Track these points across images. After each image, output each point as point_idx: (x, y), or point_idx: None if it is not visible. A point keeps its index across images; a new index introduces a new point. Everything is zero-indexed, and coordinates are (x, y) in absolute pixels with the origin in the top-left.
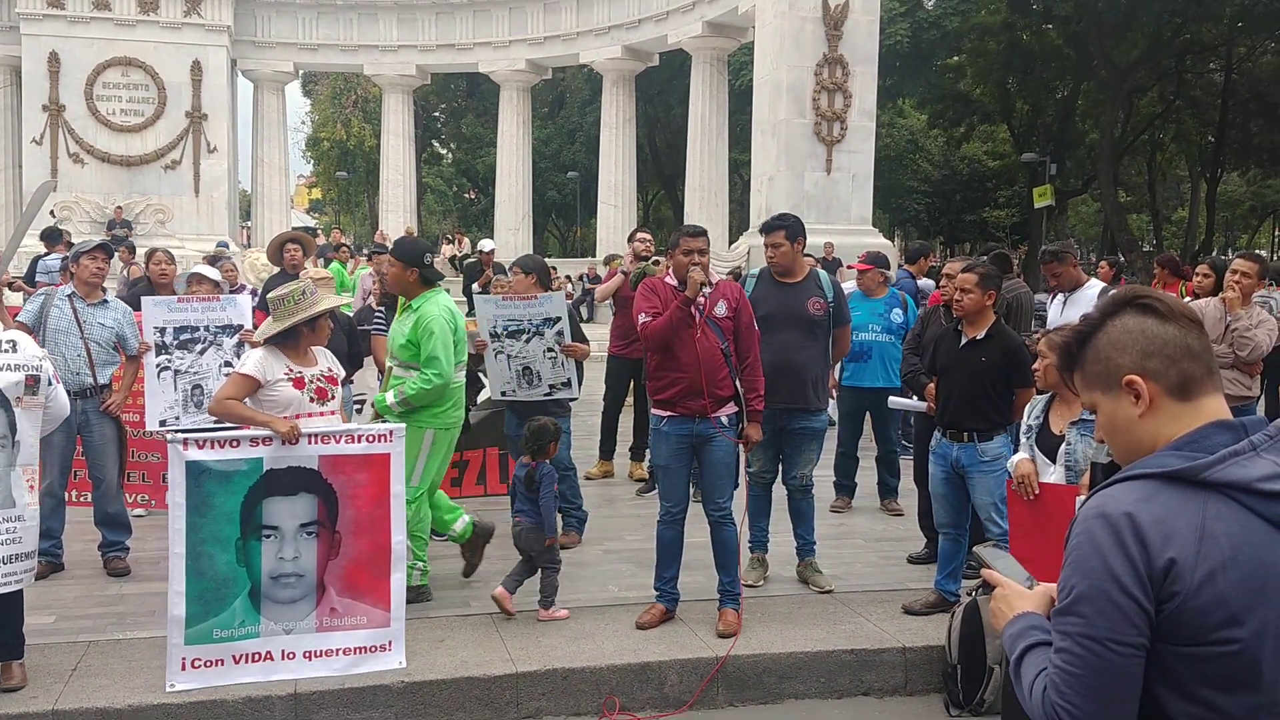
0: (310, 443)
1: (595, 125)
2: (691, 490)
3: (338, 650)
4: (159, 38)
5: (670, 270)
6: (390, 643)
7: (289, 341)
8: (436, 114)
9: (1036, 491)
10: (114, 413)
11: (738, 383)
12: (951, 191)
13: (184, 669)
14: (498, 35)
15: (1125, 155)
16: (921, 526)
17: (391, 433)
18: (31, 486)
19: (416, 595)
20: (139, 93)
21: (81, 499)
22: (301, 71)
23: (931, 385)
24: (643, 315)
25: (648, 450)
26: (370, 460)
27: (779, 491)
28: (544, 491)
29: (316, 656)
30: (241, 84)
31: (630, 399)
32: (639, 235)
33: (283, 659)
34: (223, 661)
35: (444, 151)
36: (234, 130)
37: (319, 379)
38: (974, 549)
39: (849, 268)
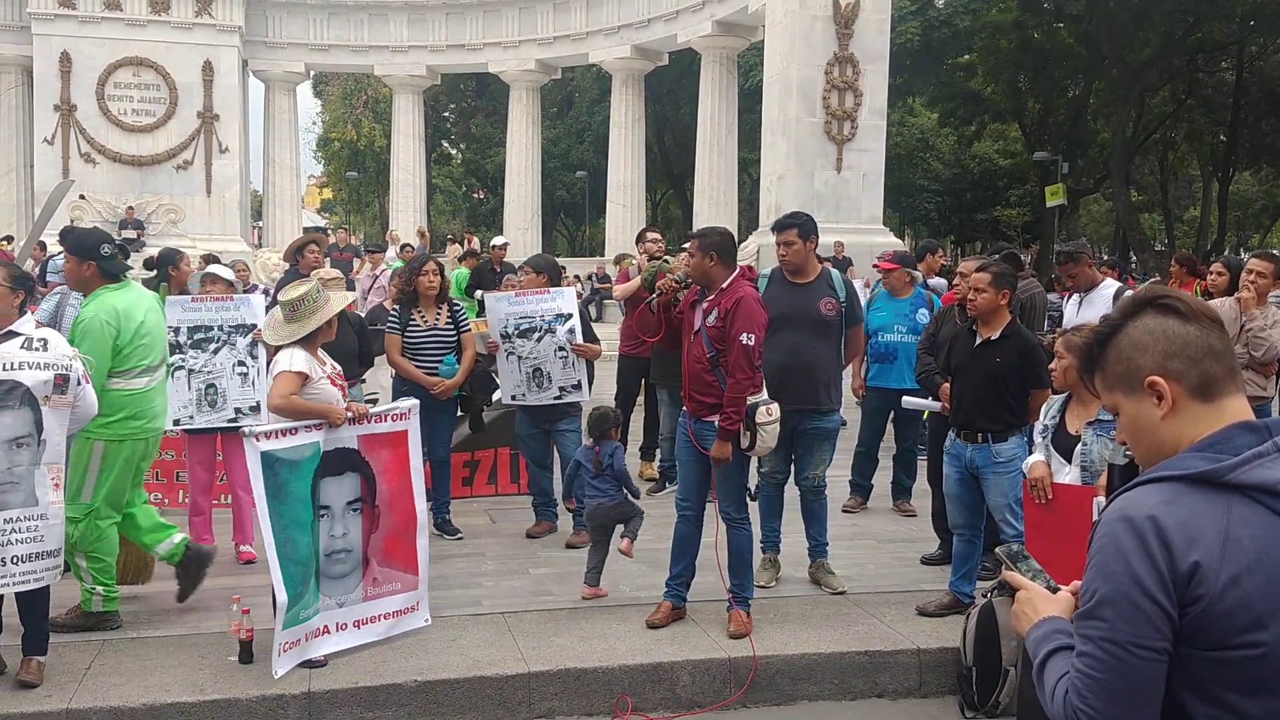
0: (350, 424)
1: (604, 125)
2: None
3: (380, 616)
4: (170, 38)
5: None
6: (418, 603)
7: (310, 342)
8: (446, 114)
9: (1050, 495)
10: None
11: None
12: (962, 190)
13: (279, 654)
14: (507, 35)
15: (1137, 154)
16: (936, 528)
17: (410, 410)
18: (56, 485)
19: (98, 622)
20: (150, 93)
21: None
22: (312, 72)
23: (946, 385)
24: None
25: (657, 450)
26: (395, 437)
27: (791, 492)
28: (616, 459)
29: (363, 624)
30: (253, 85)
31: (641, 398)
32: (649, 235)
33: (337, 631)
34: (299, 642)
35: (453, 151)
36: (245, 130)
37: (336, 376)
38: (995, 550)
39: (872, 267)
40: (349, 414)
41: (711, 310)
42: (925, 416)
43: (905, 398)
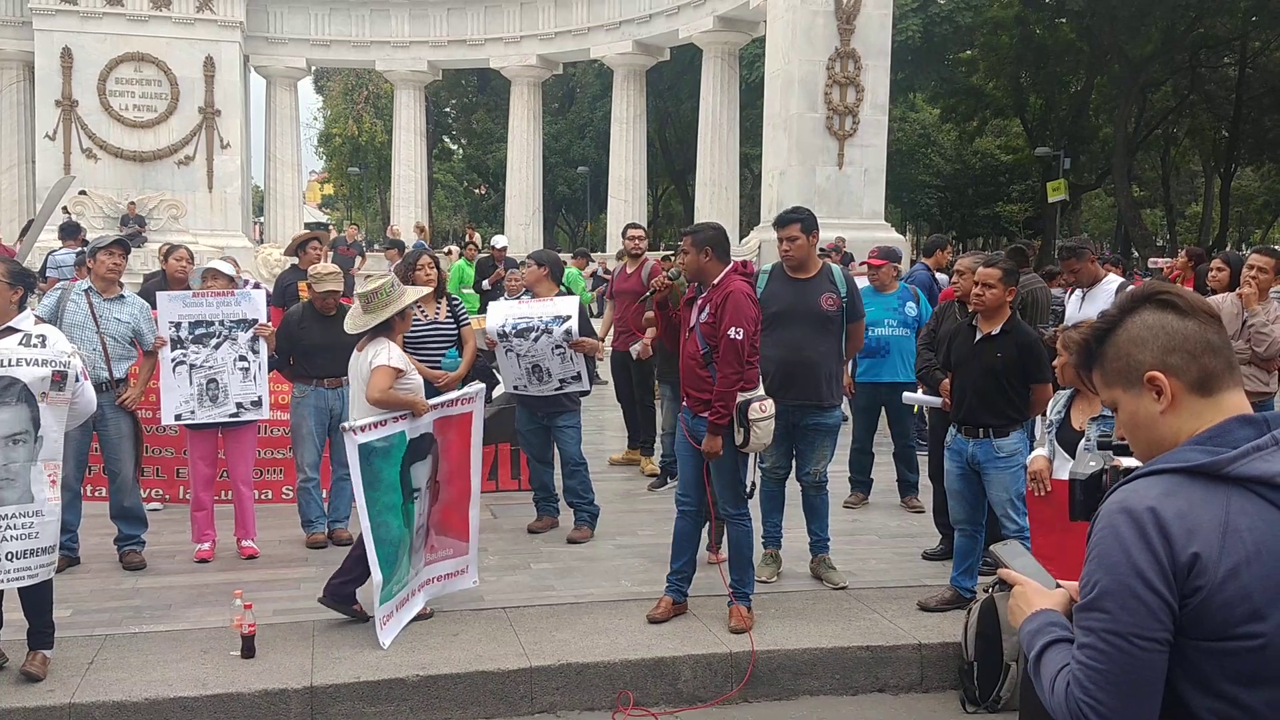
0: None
1: (605, 120)
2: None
3: (434, 579)
4: (171, 33)
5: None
6: (467, 567)
7: (390, 331)
8: (447, 110)
9: (1049, 488)
10: (130, 407)
11: None
12: (964, 186)
13: (381, 627)
14: (509, 31)
15: (1139, 150)
16: (937, 523)
17: (477, 394)
18: (53, 481)
19: None
20: (152, 88)
21: (96, 494)
22: (314, 67)
23: (946, 380)
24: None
25: (656, 445)
26: (460, 419)
27: (793, 487)
28: None
29: (423, 587)
30: (254, 80)
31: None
32: (630, 231)
33: (410, 598)
34: (392, 614)
35: (455, 147)
36: (247, 126)
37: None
38: (990, 547)
39: (861, 263)
40: (426, 409)
41: (705, 306)
42: (915, 411)
43: (906, 394)
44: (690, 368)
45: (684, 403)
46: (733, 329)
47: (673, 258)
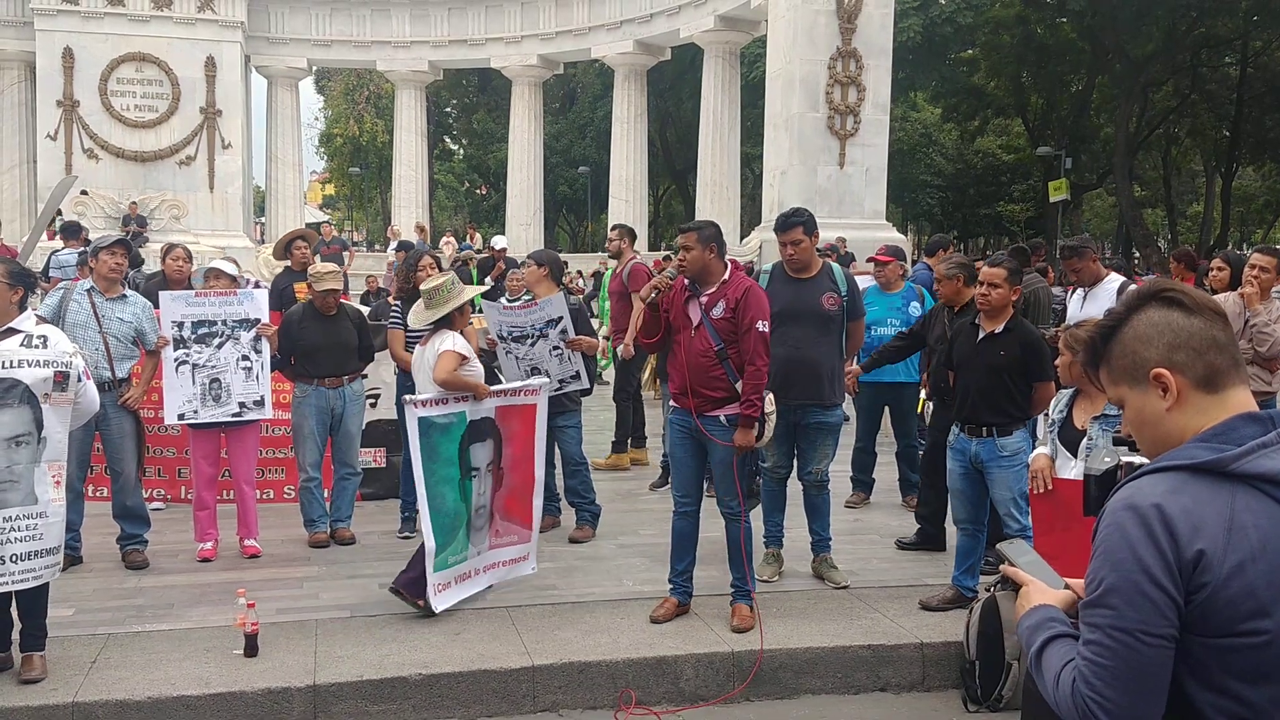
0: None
1: (606, 120)
2: (707, 485)
3: (499, 563)
4: (173, 33)
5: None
6: (528, 554)
7: (450, 326)
8: (448, 110)
9: (1050, 486)
10: (132, 407)
11: (739, 385)
12: (965, 185)
13: (435, 594)
14: (510, 30)
15: (1140, 149)
16: (917, 516)
17: (541, 387)
18: (57, 482)
19: None
20: (153, 89)
21: (99, 493)
22: (315, 67)
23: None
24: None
25: (645, 438)
26: (524, 409)
27: (794, 486)
28: None
29: (488, 569)
30: (255, 80)
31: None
32: (610, 234)
33: (473, 575)
34: (450, 584)
35: (455, 147)
36: (248, 126)
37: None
38: (997, 545)
39: (868, 260)
40: (486, 393)
41: (715, 303)
42: (920, 409)
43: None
44: (702, 366)
45: (675, 404)
46: (760, 322)
47: (673, 256)
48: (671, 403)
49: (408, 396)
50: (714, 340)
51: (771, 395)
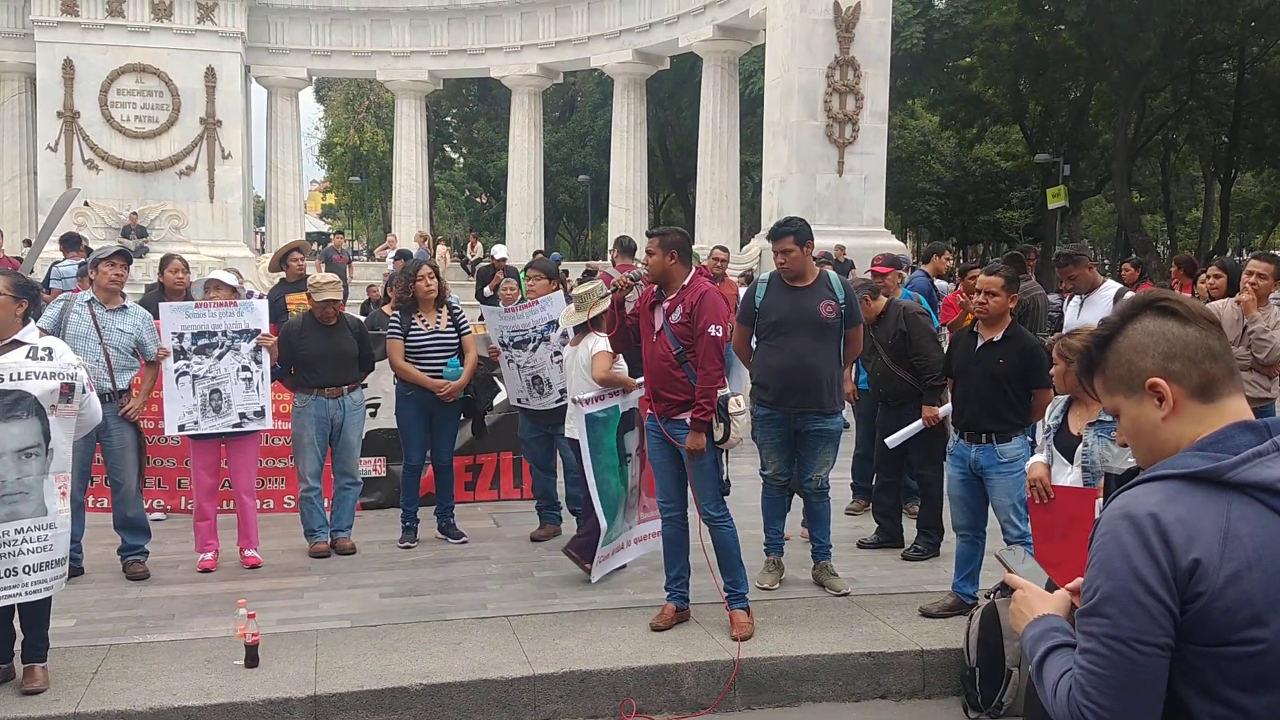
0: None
1: (606, 129)
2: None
3: (648, 535)
4: (173, 44)
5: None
6: (660, 530)
7: (598, 328)
8: (448, 119)
9: (1050, 495)
10: (133, 418)
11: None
12: (964, 193)
13: (597, 563)
14: (509, 40)
15: (1139, 156)
16: (874, 512)
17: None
18: (63, 493)
19: None
20: (153, 99)
21: (99, 504)
22: (315, 77)
23: (933, 411)
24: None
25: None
26: (643, 401)
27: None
28: None
29: (637, 541)
30: (255, 90)
31: None
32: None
33: (624, 547)
34: (608, 556)
35: (456, 156)
36: (248, 136)
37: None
38: (995, 552)
39: (867, 271)
40: (635, 387)
41: (675, 308)
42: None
43: (887, 439)
44: (664, 369)
45: (651, 410)
46: (712, 326)
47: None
48: (648, 409)
49: (575, 396)
50: (673, 345)
51: (740, 396)
